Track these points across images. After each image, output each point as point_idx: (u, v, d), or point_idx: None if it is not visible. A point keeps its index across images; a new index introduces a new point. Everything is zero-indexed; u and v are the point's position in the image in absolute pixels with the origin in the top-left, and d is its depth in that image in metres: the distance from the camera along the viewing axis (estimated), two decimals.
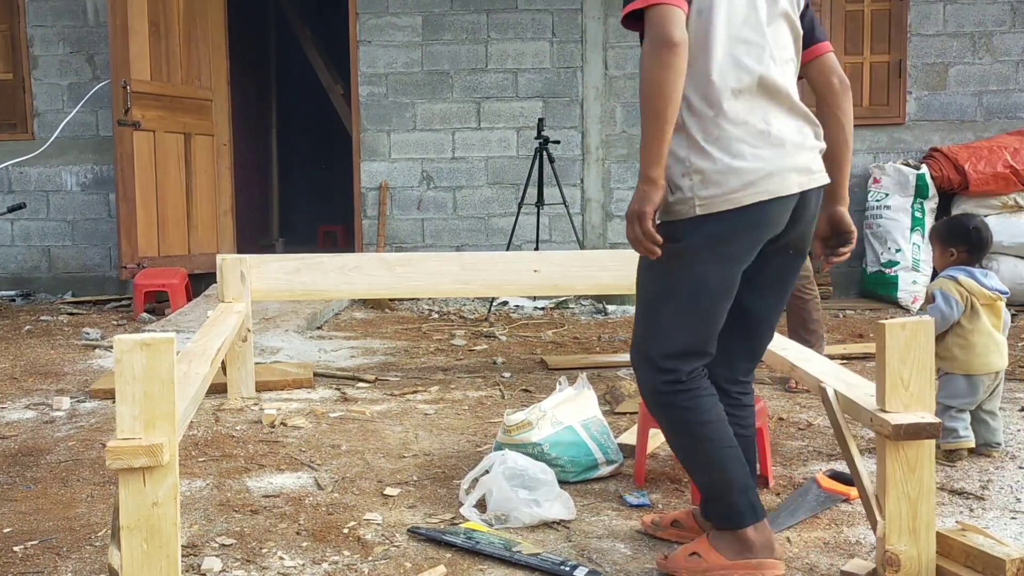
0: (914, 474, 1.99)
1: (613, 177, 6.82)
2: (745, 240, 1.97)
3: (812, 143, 2.02)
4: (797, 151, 1.97)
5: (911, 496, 1.99)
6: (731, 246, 1.97)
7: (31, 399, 3.81)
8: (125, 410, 1.73)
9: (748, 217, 1.94)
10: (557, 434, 2.73)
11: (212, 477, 2.82)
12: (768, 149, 1.95)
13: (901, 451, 1.98)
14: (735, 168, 1.92)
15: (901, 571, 1.98)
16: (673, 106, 1.86)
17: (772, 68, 1.96)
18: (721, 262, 1.97)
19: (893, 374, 2.00)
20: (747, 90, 1.94)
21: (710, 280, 1.98)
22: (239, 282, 3.83)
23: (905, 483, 1.98)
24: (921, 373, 2.01)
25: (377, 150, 6.78)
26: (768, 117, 1.96)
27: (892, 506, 1.99)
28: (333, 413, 3.57)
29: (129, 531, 1.75)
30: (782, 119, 1.97)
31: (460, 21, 6.71)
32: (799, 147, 1.98)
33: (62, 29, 6.79)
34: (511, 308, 6.34)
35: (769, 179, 1.93)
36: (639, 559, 2.22)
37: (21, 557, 2.25)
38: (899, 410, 2.00)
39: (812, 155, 2.01)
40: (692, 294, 1.99)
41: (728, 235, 1.96)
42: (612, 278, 4.27)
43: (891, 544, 1.99)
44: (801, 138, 1.99)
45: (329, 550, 2.28)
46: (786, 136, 1.97)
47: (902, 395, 2.01)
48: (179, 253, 6.67)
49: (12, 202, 6.50)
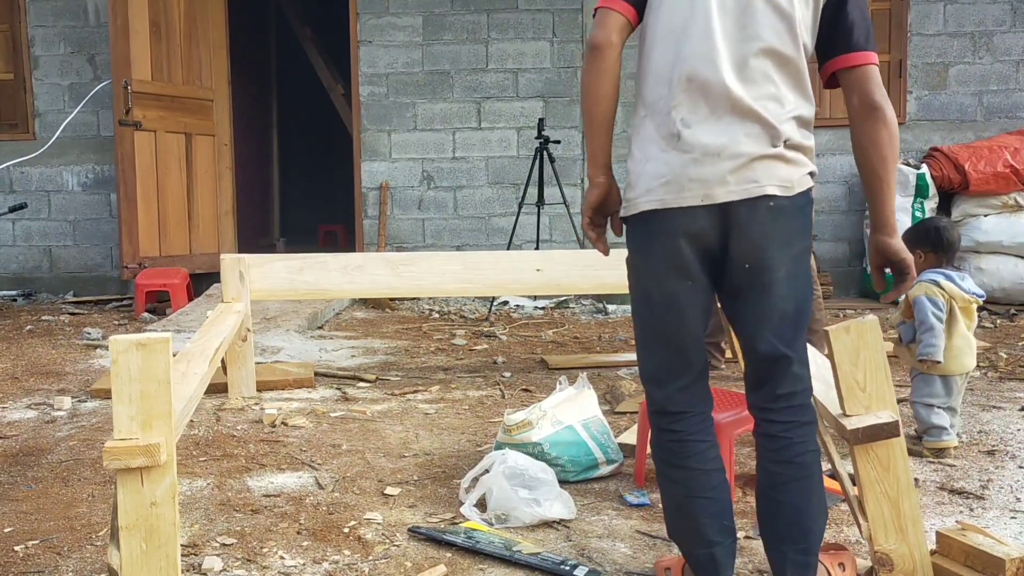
0: (888, 472, 1.98)
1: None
2: (660, 248, 1.85)
3: (749, 150, 1.80)
4: (710, 160, 1.80)
5: (890, 495, 1.98)
6: (650, 255, 1.88)
7: (32, 399, 3.82)
8: (122, 410, 1.73)
9: (652, 225, 1.85)
10: (557, 434, 2.73)
11: (213, 477, 2.82)
12: (674, 154, 1.82)
13: (871, 452, 1.98)
14: (643, 171, 1.86)
15: (896, 570, 1.98)
16: (600, 107, 1.87)
17: (709, 65, 1.80)
18: (652, 273, 1.88)
19: (847, 378, 1.99)
20: (676, 88, 1.82)
21: (653, 293, 1.89)
22: (238, 282, 3.83)
23: (882, 483, 1.98)
24: (875, 372, 1.99)
25: (378, 150, 6.78)
26: (691, 119, 1.81)
27: (873, 507, 1.99)
28: (334, 413, 3.57)
29: (128, 531, 1.75)
30: (708, 122, 1.81)
31: (460, 21, 6.71)
32: (715, 155, 1.79)
33: (63, 29, 6.79)
34: (512, 308, 6.34)
35: (666, 187, 1.82)
36: (639, 558, 2.22)
37: (22, 556, 2.25)
38: (859, 412, 1.99)
39: (738, 163, 1.79)
40: (639, 309, 1.94)
41: (644, 243, 1.89)
42: (615, 277, 4.23)
43: (879, 545, 1.99)
44: (727, 144, 1.80)
45: (330, 549, 2.28)
46: (702, 141, 1.80)
47: (860, 397, 2.00)
48: (180, 253, 6.68)
49: (14, 202, 6.51)
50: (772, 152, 1.81)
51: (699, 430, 1.92)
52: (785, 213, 1.83)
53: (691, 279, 1.85)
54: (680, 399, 1.92)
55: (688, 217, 1.82)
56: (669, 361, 1.92)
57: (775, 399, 1.89)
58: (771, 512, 1.90)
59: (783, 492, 1.87)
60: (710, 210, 1.81)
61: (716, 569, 1.90)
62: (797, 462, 1.87)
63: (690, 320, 1.88)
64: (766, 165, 1.81)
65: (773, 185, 1.81)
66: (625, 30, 1.88)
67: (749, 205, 1.81)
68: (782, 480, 1.88)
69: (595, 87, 1.87)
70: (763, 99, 1.81)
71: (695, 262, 1.84)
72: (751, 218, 1.81)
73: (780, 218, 1.82)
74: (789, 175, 1.82)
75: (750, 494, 2.62)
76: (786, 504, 1.87)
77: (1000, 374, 4.15)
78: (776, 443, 1.89)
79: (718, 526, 1.90)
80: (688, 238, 1.83)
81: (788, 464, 1.88)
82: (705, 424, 1.94)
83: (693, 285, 1.86)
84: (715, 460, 1.93)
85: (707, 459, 1.92)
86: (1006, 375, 4.12)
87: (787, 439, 1.88)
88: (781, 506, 1.88)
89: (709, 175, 1.80)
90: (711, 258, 1.86)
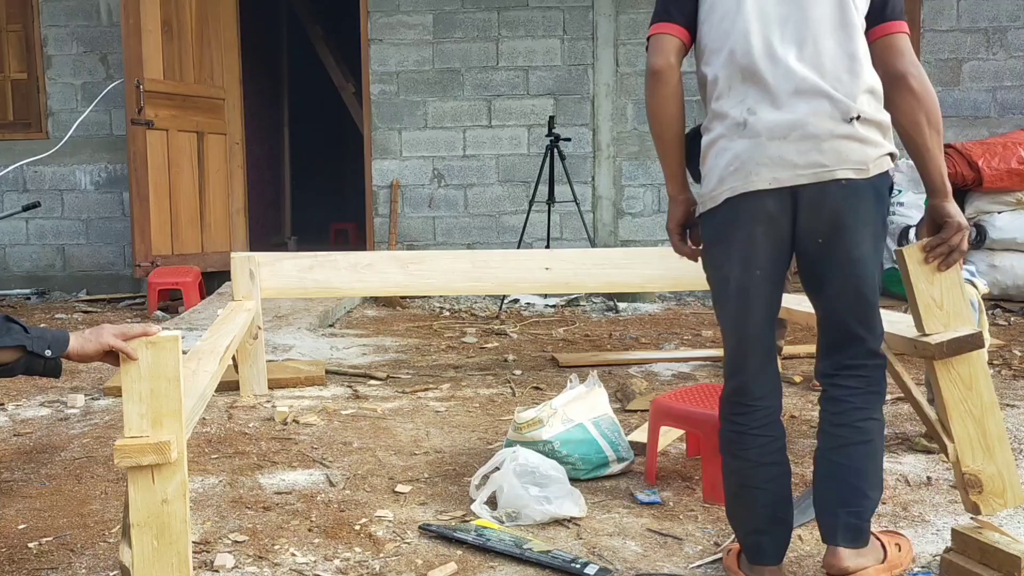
0: (972, 391, 1.97)
1: (624, 174, 6.81)
2: (731, 237, 1.88)
3: (817, 130, 1.78)
4: (776, 143, 1.80)
5: (974, 414, 1.96)
6: (721, 244, 1.91)
7: (46, 396, 3.84)
8: (132, 408, 1.73)
9: (725, 215, 1.88)
10: (568, 431, 2.73)
11: (225, 474, 2.83)
12: (741, 141, 1.84)
13: (952, 370, 1.96)
14: (715, 166, 1.89)
15: (984, 491, 1.96)
16: (671, 129, 1.93)
17: (766, 50, 1.81)
18: (723, 263, 1.91)
19: (923, 296, 1.97)
20: (736, 82, 1.85)
21: (725, 282, 1.92)
22: (249, 280, 3.84)
23: (965, 401, 1.97)
24: (951, 290, 1.98)
25: (388, 148, 6.79)
26: (756, 106, 1.83)
27: (958, 427, 1.96)
28: (345, 410, 3.58)
29: (139, 528, 1.75)
30: (773, 106, 1.81)
31: (471, 19, 6.71)
32: (781, 138, 1.80)
33: (75, 29, 6.83)
34: (522, 306, 6.34)
35: (736, 174, 1.84)
36: (650, 556, 2.22)
37: (36, 553, 2.26)
38: (939, 330, 1.97)
39: (806, 145, 1.79)
40: (715, 298, 1.98)
41: (716, 234, 1.92)
42: (624, 276, 4.27)
43: (966, 466, 1.96)
44: (793, 125, 1.79)
45: (341, 547, 2.28)
46: (768, 125, 1.81)
47: (938, 315, 1.97)
48: (192, 251, 6.70)
49: (27, 201, 6.54)
50: (843, 131, 1.79)
51: (763, 424, 1.95)
52: (859, 192, 1.81)
53: (759, 268, 1.87)
54: (747, 389, 1.95)
55: (758, 203, 1.83)
56: (737, 350, 1.95)
57: (843, 367, 1.91)
58: (828, 475, 1.91)
59: (843, 454, 1.89)
60: (779, 194, 1.82)
61: (761, 556, 1.97)
62: (859, 426, 1.89)
63: (756, 310, 1.90)
64: (836, 146, 1.79)
65: (845, 169, 1.80)
66: (681, 52, 1.92)
67: (818, 188, 1.80)
68: (843, 443, 1.89)
69: (663, 111, 1.92)
70: (828, 74, 1.80)
71: (765, 250, 1.86)
72: (821, 199, 1.81)
73: (852, 197, 1.81)
74: (863, 156, 1.80)
75: None
76: (845, 467, 1.89)
77: (1014, 372, 4.12)
78: (839, 406, 1.90)
79: (770, 516, 1.95)
80: (759, 225, 1.84)
81: (849, 428, 1.89)
82: (770, 419, 1.95)
83: (761, 275, 1.88)
84: (775, 454, 1.95)
85: (766, 452, 1.94)
86: (1020, 373, 4.09)
87: (850, 403, 1.89)
88: (840, 468, 1.89)
89: (776, 158, 1.81)
90: (783, 246, 1.87)
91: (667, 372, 4.24)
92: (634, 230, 6.83)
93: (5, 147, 6.82)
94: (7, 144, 6.83)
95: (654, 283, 4.39)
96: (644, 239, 6.80)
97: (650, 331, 5.37)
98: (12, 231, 6.93)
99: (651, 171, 6.79)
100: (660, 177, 6.80)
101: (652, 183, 6.81)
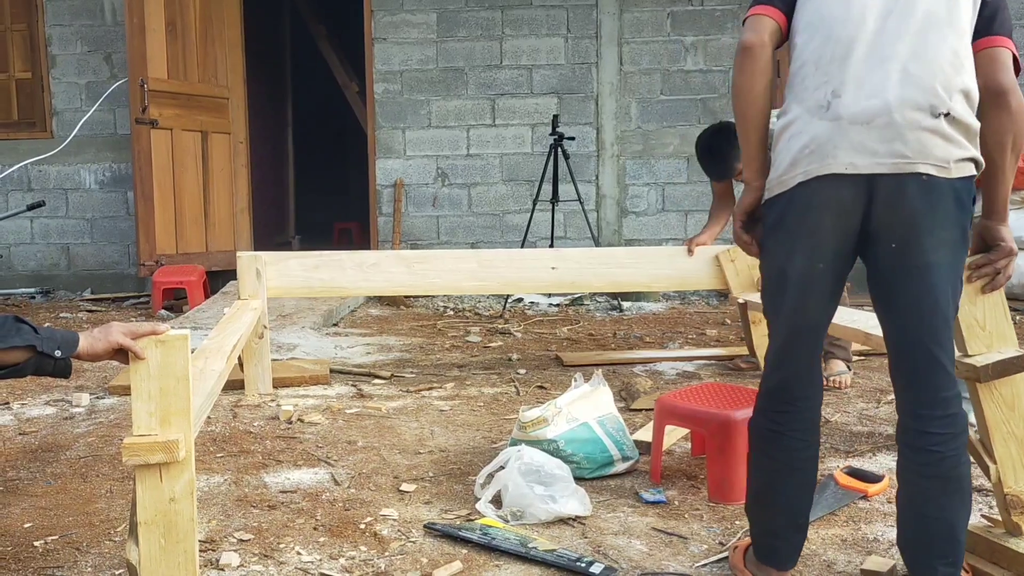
0: (1014, 411, 1.95)
1: (628, 173, 6.80)
2: (798, 224, 1.79)
3: (903, 119, 1.70)
4: (857, 128, 1.73)
5: (1017, 435, 1.95)
6: (786, 231, 1.82)
7: (51, 395, 3.85)
8: (141, 407, 1.74)
9: (793, 201, 1.79)
10: (572, 431, 2.73)
11: (230, 473, 2.83)
12: (821, 123, 1.76)
13: (995, 391, 1.94)
14: (787, 149, 1.81)
15: None
16: (756, 106, 1.86)
17: (862, 37, 1.75)
18: (785, 251, 1.83)
19: (967, 317, 1.94)
20: (826, 65, 1.78)
21: (783, 271, 1.84)
22: (255, 279, 3.84)
23: (1008, 422, 1.95)
24: (994, 310, 1.95)
25: (392, 147, 6.79)
26: (842, 88, 1.75)
27: (1000, 448, 1.95)
28: (349, 409, 3.58)
29: (147, 526, 1.76)
30: (860, 91, 1.74)
31: (475, 18, 6.71)
32: (864, 123, 1.72)
33: (80, 28, 6.84)
34: (526, 305, 6.34)
35: (811, 156, 1.76)
36: (655, 555, 2.22)
37: (41, 552, 2.27)
38: (982, 351, 1.96)
39: (889, 133, 1.71)
40: (768, 287, 1.91)
41: (782, 219, 1.83)
42: (629, 275, 4.26)
43: (1008, 487, 1.96)
44: (879, 112, 1.71)
45: (346, 545, 2.28)
46: (852, 109, 1.73)
47: (981, 336, 1.96)
48: (196, 250, 6.71)
49: (32, 200, 6.56)
50: (930, 124, 1.71)
51: (801, 428, 1.89)
52: (939, 191, 1.72)
53: (822, 261, 1.80)
54: (790, 385, 1.89)
55: (833, 189, 1.75)
56: (785, 344, 1.89)
57: (928, 404, 1.78)
58: (922, 528, 1.81)
59: (934, 507, 1.78)
60: (855, 181, 1.73)
61: (776, 560, 1.95)
62: (951, 476, 1.78)
63: (812, 305, 1.84)
64: (921, 138, 1.71)
65: (927, 164, 1.71)
66: (776, 35, 1.88)
67: (897, 180, 1.72)
68: (934, 495, 1.78)
69: (750, 86, 1.85)
70: (925, 66, 1.73)
71: (831, 243, 1.78)
72: (899, 193, 1.72)
73: (933, 195, 1.71)
74: (946, 154, 1.72)
75: None
76: (939, 520, 1.78)
77: None
78: (926, 457, 1.78)
79: (789, 522, 1.92)
80: (829, 214, 1.76)
81: (941, 480, 1.78)
82: (809, 422, 1.90)
83: (823, 269, 1.81)
84: (807, 461, 1.91)
85: (798, 459, 1.90)
86: None
87: (938, 452, 1.77)
88: (934, 523, 1.79)
89: (857, 143, 1.73)
90: (849, 242, 1.79)
91: (672, 371, 4.24)
92: (638, 229, 6.83)
93: (10, 146, 6.84)
94: (12, 143, 6.85)
95: (660, 282, 4.38)
96: (648, 238, 6.80)
97: (654, 330, 5.37)
98: (17, 230, 6.95)
99: (655, 170, 6.79)
100: (664, 176, 6.80)
101: (656, 182, 6.80)
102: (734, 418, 2.53)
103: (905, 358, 1.80)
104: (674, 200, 6.80)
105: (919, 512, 1.80)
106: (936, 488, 1.78)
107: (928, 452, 1.77)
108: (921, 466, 1.78)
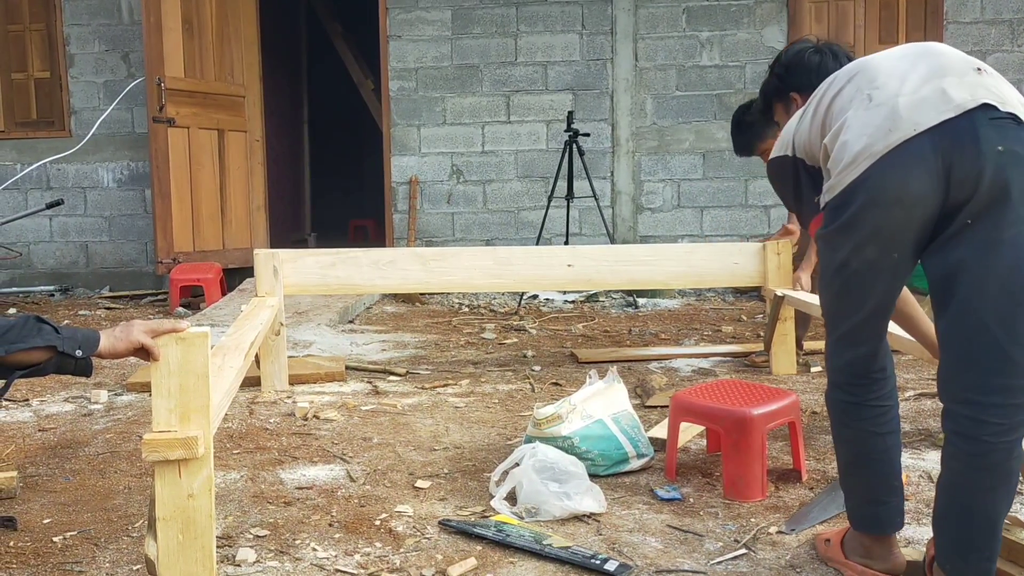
0: None
1: (643, 170, 6.79)
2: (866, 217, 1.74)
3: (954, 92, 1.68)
4: (907, 97, 1.71)
5: None
6: (854, 226, 1.77)
7: (70, 392, 3.88)
8: (161, 403, 1.75)
9: (858, 195, 1.74)
10: (587, 427, 2.72)
11: (246, 469, 2.85)
12: (868, 113, 1.75)
13: None
14: (843, 141, 1.78)
15: None
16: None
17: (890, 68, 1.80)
18: (853, 243, 1.79)
19: None
20: (855, 79, 1.83)
21: (848, 262, 1.81)
22: (272, 277, 3.86)
23: None
24: None
25: (407, 144, 6.80)
26: (877, 82, 1.78)
27: None
28: (365, 406, 3.60)
29: (165, 522, 1.78)
30: (897, 80, 1.75)
31: (489, 14, 6.70)
32: (913, 92, 1.71)
33: (97, 27, 6.89)
34: (541, 301, 6.34)
35: (874, 135, 1.72)
36: (670, 553, 2.22)
37: (60, 547, 2.29)
38: None
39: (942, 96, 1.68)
40: (832, 280, 1.91)
41: (848, 215, 1.77)
42: (646, 272, 4.25)
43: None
44: (930, 92, 1.70)
45: (361, 541, 2.29)
46: (895, 91, 1.73)
47: None
48: (213, 248, 6.75)
49: (50, 199, 6.62)
50: (974, 75, 1.71)
51: (880, 395, 1.91)
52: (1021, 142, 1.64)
53: (897, 251, 1.77)
54: (875, 356, 1.91)
55: (901, 170, 1.67)
56: (864, 322, 1.88)
57: (987, 391, 1.66)
58: (961, 520, 1.73)
59: (981, 499, 1.69)
60: (921, 145, 1.66)
61: (880, 526, 1.96)
62: (1004, 468, 1.68)
63: (881, 289, 1.85)
64: (971, 80, 1.69)
65: (987, 98, 1.66)
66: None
67: (967, 120, 1.65)
68: (982, 487, 1.69)
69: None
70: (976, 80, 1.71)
71: (902, 229, 1.73)
72: (974, 134, 1.64)
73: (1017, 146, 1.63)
74: (1000, 94, 1.68)
75: (783, 488, 2.61)
76: (982, 513, 1.70)
77: None
78: (979, 447, 1.67)
79: (886, 486, 1.94)
80: (899, 203, 1.70)
81: (991, 472, 1.69)
82: (886, 390, 1.92)
83: (898, 258, 1.79)
84: (890, 423, 1.92)
85: (881, 423, 1.92)
86: None
87: (991, 444, 1.66)
88: (976, 515, 1.70)
89: (913, 111, 1.69)
90: (922, 223, 1.72)
91: (687, 368, 4.23)
92: (653, 225, 6.81)
93: (29, 145, 6.90)
94: (31, 142, 6.91)
95: (678, 280, 4.36)
96: (663, 235, 6.78)
97: (670, 327, 5.36)
98: (36, 229, 7.01)
99: (670, 166, 6.77)
100: (679, 172, 6.78)
101: (671, 178, 6.78)
102: (750, 415, 2.52)
103: (965, 347, 1.71)
104: (690, 196, 6.78)
105: (962, 504, 1.72)
106: (985, 481, 1.69)
107: (980, 442, 1.67)
108: (972, 457, 1.69)
